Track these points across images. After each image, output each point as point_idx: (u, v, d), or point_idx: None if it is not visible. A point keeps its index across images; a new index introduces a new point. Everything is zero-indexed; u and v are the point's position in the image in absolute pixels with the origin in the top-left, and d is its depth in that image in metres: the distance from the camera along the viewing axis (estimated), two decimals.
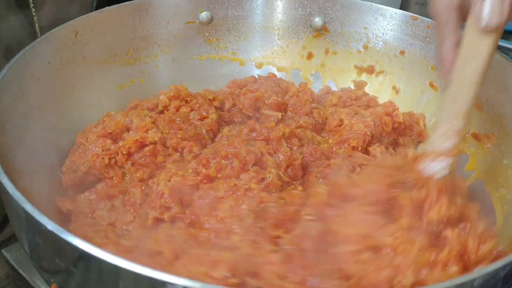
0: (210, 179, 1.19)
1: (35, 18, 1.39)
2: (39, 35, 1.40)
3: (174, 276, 0.70)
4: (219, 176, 1.19)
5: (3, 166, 0.90)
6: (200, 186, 1.17)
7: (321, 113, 1.46)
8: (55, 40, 1.30)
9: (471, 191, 1.27)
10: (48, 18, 1.42)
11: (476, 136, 1.38)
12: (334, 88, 1.67)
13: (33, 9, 1.38)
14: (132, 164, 1.25)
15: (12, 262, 1.11)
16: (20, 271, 1.10)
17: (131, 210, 1.17)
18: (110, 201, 1.19)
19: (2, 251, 1.14)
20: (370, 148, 1.30)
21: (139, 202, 1.18)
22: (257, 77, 1.68)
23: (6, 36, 1.33)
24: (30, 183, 1.11)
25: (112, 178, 1.23)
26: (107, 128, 1.29)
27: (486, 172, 1.32)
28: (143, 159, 1.25)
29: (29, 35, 1.40)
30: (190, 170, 1.19)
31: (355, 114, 1.43)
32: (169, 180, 1.17)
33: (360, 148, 1.33)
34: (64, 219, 1.15)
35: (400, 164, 1.06)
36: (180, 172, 1.19)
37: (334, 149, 1.32)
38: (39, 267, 0.96)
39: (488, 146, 1.34)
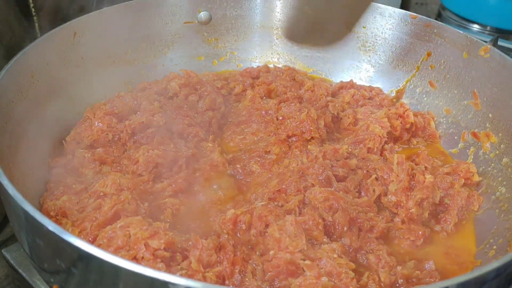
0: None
1: (35, 18, 1.39)
2: (39, 35, 1.40)
3: (176, 276, 0.70)
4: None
5: (3, 167, 0.90)
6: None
7: (337, 106, 1.47)
8: (54, 41, 1.30)
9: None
10: (48, 18, 1.42)
11: (475, 135, 1.38)
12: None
13: (33, 9, 1.38)
14: (134, 142, 1.29)
15: (12, 262, 1.11)
16: (20, 271, 1.10)
17: None
18: (100, 165, 1.24)
19: (2, 251, 1.13)
20: (387, 154, 1.30)
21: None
22: (272, 67, 1.69)
23: (6, 36, 1.33)
24: (30, 183, 1.11)
25: (113, 151, 1.28)
26: (115, 107, 1.34)
27: (486, 171, 1.32)
28: (144, 139, 1.29)
29: (29, 35, 1.39)
30: (172, 146, 1.26)
31: (371, 113, 1.44)
32: (148, 152, 1.22)
33: (375, 150, 1.33)
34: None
35: None
36: (162, 147, 1.24)
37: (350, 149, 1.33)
38: (39, 267, 0.96)
39: (487, 144, 1.34)
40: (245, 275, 0.96)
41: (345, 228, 1.07)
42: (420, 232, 1.13)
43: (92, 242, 0.97)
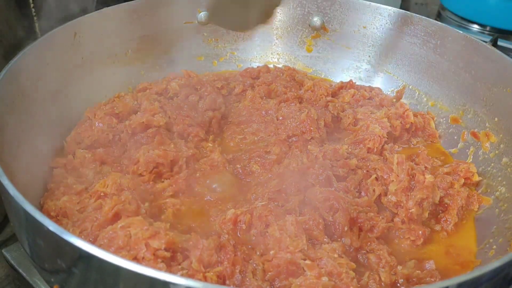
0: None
1: (35, 18, 1.39)
2: (39, 35, 1.40)
3: (176, 276, 0.70)
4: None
5: (4, 167, 0.90)
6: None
7: (337, 106, 1.47)
8: (54, 41, 1.30)
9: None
10: (48, 18, 1.42)
11: (475, 135, 1.39)
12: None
13: (33, 9, 1.37)
14: (134, 142, 1.29)
15: (12, 262, 1.11)
16: (20, 271, 1.10)
17: None
18: (101, 165, 1.23)
19: (2, 251, 1.13)
20: (387, 154, 1.30)
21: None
22: (272, 67, 1.69)
23: (6, 36, 1.33)
24: (30, 183, 1.11)
25: (113, 151, 1.28)
26: (115, 108, 1.34)
27: (485, 170, 1.32)
28: (145, 139, 1.28)
29: (29, 35, 1.39)
30: (172, 146, 1.25)
31: (371, 113, 1.44)
32: (148, 152, 1.22)
33: (375, 150, 1.33)
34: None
35: None
36: (162, 147, 1.24)
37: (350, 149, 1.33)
38: (40, 267, 0.96)
39: (487, 144, 1.34)
40: (245, 275, 0.96)
41: (346, 228, 1.07)
42: (420, 232, 1.13)
43: (93, 242, 0.97)
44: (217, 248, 0.97)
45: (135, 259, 0.91)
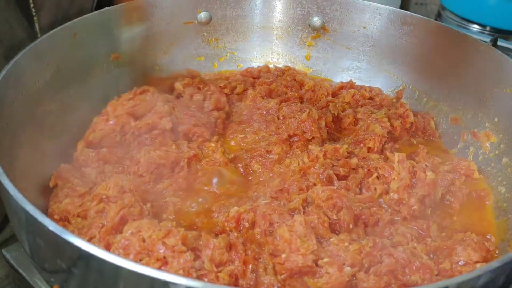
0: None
1: (35, 18, 1.39)
2: (39, 35, 1.40)
3: (177, 276, 0.70)
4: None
5: (4, 167, 0.90)
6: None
7: (337, 106, 1.47)
8: (55, 41, 1.30)
9: None
10: (48, 18, 1.42)
11: (475, 135, 1.38)
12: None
13: (33, 9, 1.37)
14: (138, 143, 1.29)
15: (12, 262, 1.11)
16: (20, 271, 1.10)
17: None
18: (103, 164, 1.23)
19: (2, 251, 1.13)
20: (387, 153, 1.30)
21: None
22: (272, 67, 1.69)
23: (6, 36, 1.33)
24: (30, 183, 1.12)
25: (117, 151, 1.27)
26: (136, 107, 1.33)
27: (485, 170, 1.32)
28: (148, 140, 1.29)
29: (29, 35, 1.39)
30: (174, 147, 1.25)
31: (371, 113, 1.44)
32: (149, 153, 1.22)
33: (376, 149, 1.33)
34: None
35: None
36: (164, 148, 1.24)
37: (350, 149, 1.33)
38: (40, 267, 0.96)
39: (487, 144, 1.34)
40: (258, 273, 0.95)
41: (351, 226, 1.08)
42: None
43: (106, 248, 0.96)
44: (227, 247, 0.97)
45: (158, 260, 0.91)
